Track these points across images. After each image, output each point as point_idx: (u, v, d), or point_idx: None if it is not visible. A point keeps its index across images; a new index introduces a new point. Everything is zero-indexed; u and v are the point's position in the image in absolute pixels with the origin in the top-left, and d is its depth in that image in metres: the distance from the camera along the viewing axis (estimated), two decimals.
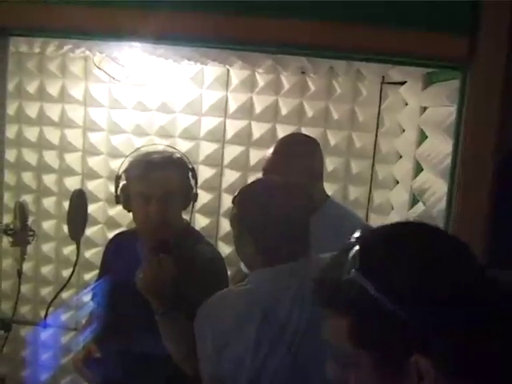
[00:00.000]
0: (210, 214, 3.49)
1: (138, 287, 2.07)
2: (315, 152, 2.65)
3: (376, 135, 3.32)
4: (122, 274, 2.19)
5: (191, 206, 2.39)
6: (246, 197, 2.05)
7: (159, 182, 2.24)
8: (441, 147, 2.34)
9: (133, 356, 2.24)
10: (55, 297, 2.47)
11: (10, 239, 2.37)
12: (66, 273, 3.61)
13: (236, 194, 2.08)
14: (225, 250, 3.29)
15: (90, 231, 3.53)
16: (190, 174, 2.37)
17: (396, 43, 1.78)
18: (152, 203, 2.23)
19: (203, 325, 1.88)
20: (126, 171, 2.34)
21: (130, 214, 2.39)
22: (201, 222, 3.46)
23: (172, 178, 2.28)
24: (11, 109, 3.52)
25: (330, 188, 3.01)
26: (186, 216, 2.42)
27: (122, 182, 2.35)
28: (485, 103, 1.76)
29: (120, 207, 2.40)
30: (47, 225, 3.68)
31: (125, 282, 2.11)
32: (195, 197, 2.38)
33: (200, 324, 1.89)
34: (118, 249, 2.51)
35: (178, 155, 2.36)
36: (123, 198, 2.33)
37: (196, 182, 2.38)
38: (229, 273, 2.50)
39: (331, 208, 2.69)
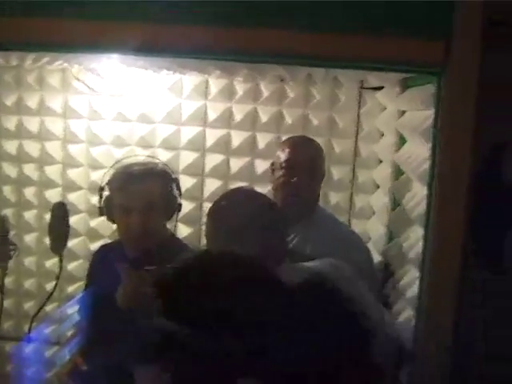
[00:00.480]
0: (191, 224, 3.48)
1: (118, 304, 2.07)
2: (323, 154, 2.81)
3: (355, 141, 3.34)
4: (108, 285, 2.18)
5: (175, 216, 2.39)
6: (220, 207, 2.06)
7: (141, 193, 2.25)
8: (419, 151, 2.36)
9: (119, 369, 2.23)
10: (39, 311, 2.47)
11: None
12: (48, 286, 3.58)
13: (211, 206, 2.10)
14: None
15: (72, 243, 3.51)
16: (174, 184, 2.37)
17: (372, 50, 1.80)
18: (134, 215, 2.23)
19: None
20: (108, 183, 2.34)
21: (112, 225, 2.39)
22: (183, 231, 3.46)
23: (154, 190, 2.29)
24: None
25: None
26: (169, 226, 2.42)
27: (106, 194, 2.35)
28: (460, 107, 1.79)
29: (101, 218, 2.40)
30: (29, 238, 3.65)
31: (110, 293, 2.11)
32: (179, 207, 2.39)
33: None
34: (104, 260, 2.50)
35: (161, 166, 2.37)
36: (107, 209, 2.33)
37: (180, 193, 2.38)
38: None
39: (321, 214, 2.75)
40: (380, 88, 3.19)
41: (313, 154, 2.75)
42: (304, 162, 2.66)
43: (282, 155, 2.69)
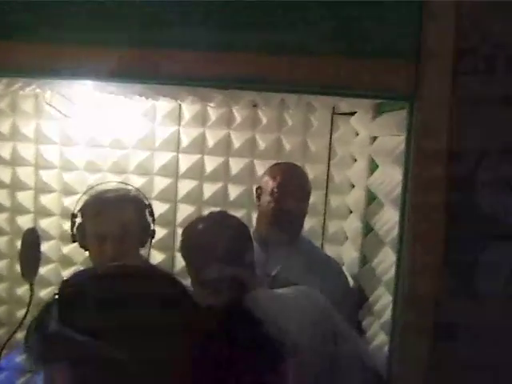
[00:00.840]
0: (165, 249, 3.47)
1: None
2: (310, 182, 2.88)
3: (328, 166, 3.36)
4: None
5: (149, 242, 2.38)
6: (188, 229, 2.07)
7: (114, 220, 2.24)
8: (392, 176, 2.38)
9: None
10: (9, 339, 2.42)
11: None
12: (19, 313, 3.54)
13: (186, 227, 2.11)
14: None
15: (43, 270, 3.48)
16: (147, 210, 2.37)
17: (343, 76, 1.81)
18: (107, 241, 2.22)
19: None
20: (81, 209, 2.33)
21: (85, 252, 2.37)
22: (156, 257, 3.44)
23: (127, 217, 2.28)
24: None
25: None
26: (143, 252, 2.41)
27: (78, 220, 2.34)
28: (432, 132, 1.80)
29: (74, 245, 2.38)
30: (0, 265, 3.61)
31: None
32: (153, 233, 2.38)
33: None
34: None
35: (135, 192, 2.36)
36: (79, 236, 2.32)
37: (153, 219, 2.38)
38: None
39: (303, 240, 2.79)
40: (353, 113, 3.21)
41: (303, 182, 2.79)
42: (296, 190, 2.70)
43: (272, 182, 2.71)
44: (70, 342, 1.02)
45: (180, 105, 3.40)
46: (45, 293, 3.53)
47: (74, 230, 2.35)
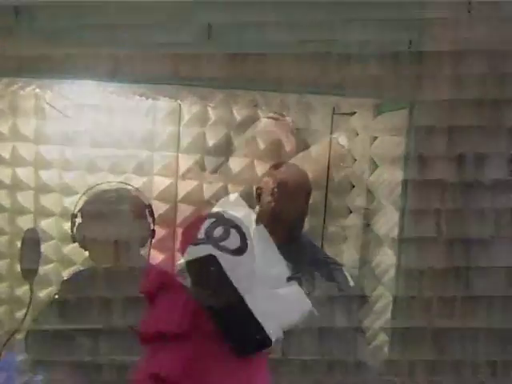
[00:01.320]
0: (165, 250, 3.46)
1: None
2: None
3: (328, 166, 3.36)
4: None
5: (149, 242, 2.38)
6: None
7: (113, 221, 2.24)
8: (391, 176, 2.38)
9: None
10: (9, 339, 2.42)
11: None
12: (19, 313, 3.53)
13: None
14: None
15: (43, 270, 3.46)
16: (147, 210, 2.37)
17: (344, 76, 1.81)
18: (107, 242, 2.22)
19: None
20: (81, 210, 2.33)
21: (85, 252, 2.37)
22: (156, 257, 3.43)
23: (127, 217, 2.28)
24: None
25: None
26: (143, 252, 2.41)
27: (78, 221, 2.34)
28: (432, 133, 1.81)
29: (74, 245, 2.38)
30: (0, 264, 3.61)
31: None
32: (153, 233, 2.38)
33: None
34: None
35: (135, 192, 2.36)
36: (79, 236, 2.32)
37: (153, 219, 2.38)
38: None
39: (304, 239, 2.79)
40: (353, 113, 3.21)
41: (303, 182, 2.79)
42: (296, 190, 2.70)
43: (272, 182, 2.71)
44: (69, 342, 1.03)
45: (180, 105, 3.40)
46: (45, 293, 3.53)
47: (74, 230, 2.35)
